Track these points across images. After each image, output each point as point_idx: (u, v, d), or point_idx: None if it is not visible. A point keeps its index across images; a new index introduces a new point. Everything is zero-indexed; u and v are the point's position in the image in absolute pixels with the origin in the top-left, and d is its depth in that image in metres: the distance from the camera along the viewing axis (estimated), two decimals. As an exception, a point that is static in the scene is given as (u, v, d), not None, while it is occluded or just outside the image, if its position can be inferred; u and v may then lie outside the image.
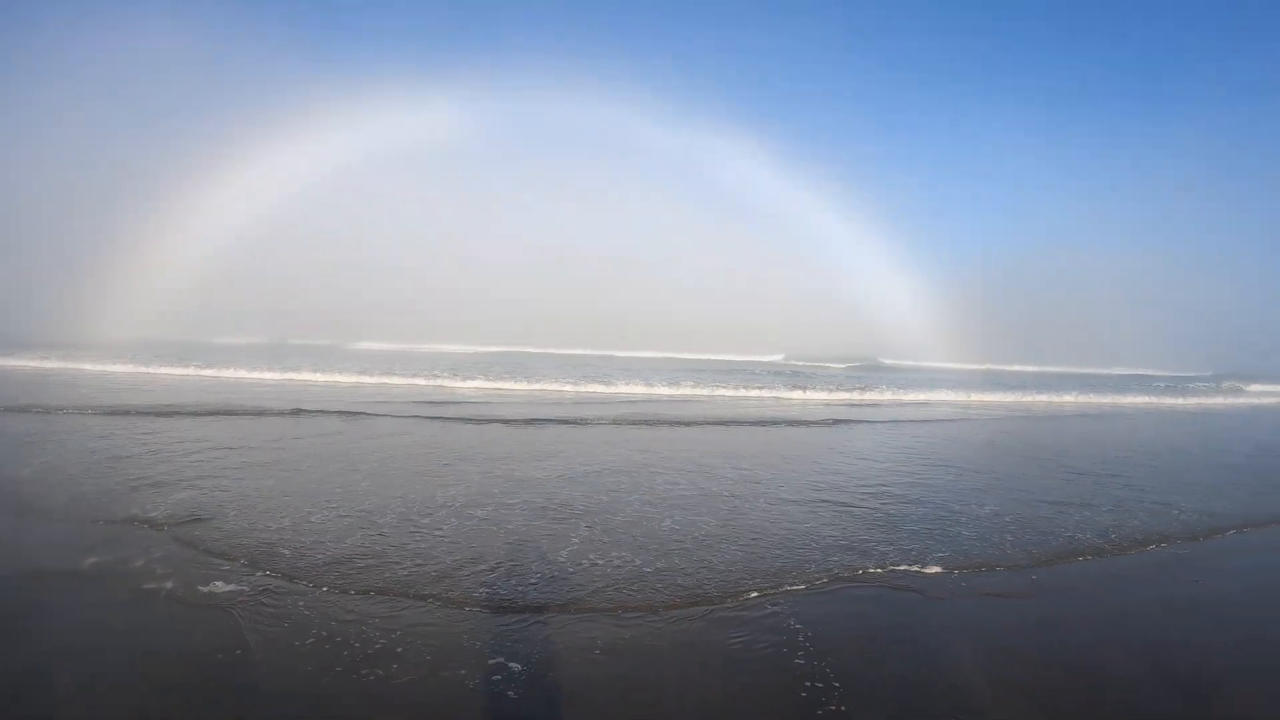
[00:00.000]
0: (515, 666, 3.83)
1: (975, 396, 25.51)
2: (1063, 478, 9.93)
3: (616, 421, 14.71)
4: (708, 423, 15.63)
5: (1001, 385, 31.67)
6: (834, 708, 3.53)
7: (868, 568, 5.66)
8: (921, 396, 24.39)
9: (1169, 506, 8.18)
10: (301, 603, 4.60)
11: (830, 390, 24.75)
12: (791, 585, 5.22)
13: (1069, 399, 26.22)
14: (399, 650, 3.95)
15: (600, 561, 5.57)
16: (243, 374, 23.60)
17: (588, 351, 60.98)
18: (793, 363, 56.60)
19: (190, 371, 23.70)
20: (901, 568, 5.71)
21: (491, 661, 3.87)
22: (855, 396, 23.51)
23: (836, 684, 3.77)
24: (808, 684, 3.76)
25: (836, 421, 16.82)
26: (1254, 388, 40.75)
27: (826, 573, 5.51)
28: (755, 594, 5.03)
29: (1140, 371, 66.81)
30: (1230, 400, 30.93)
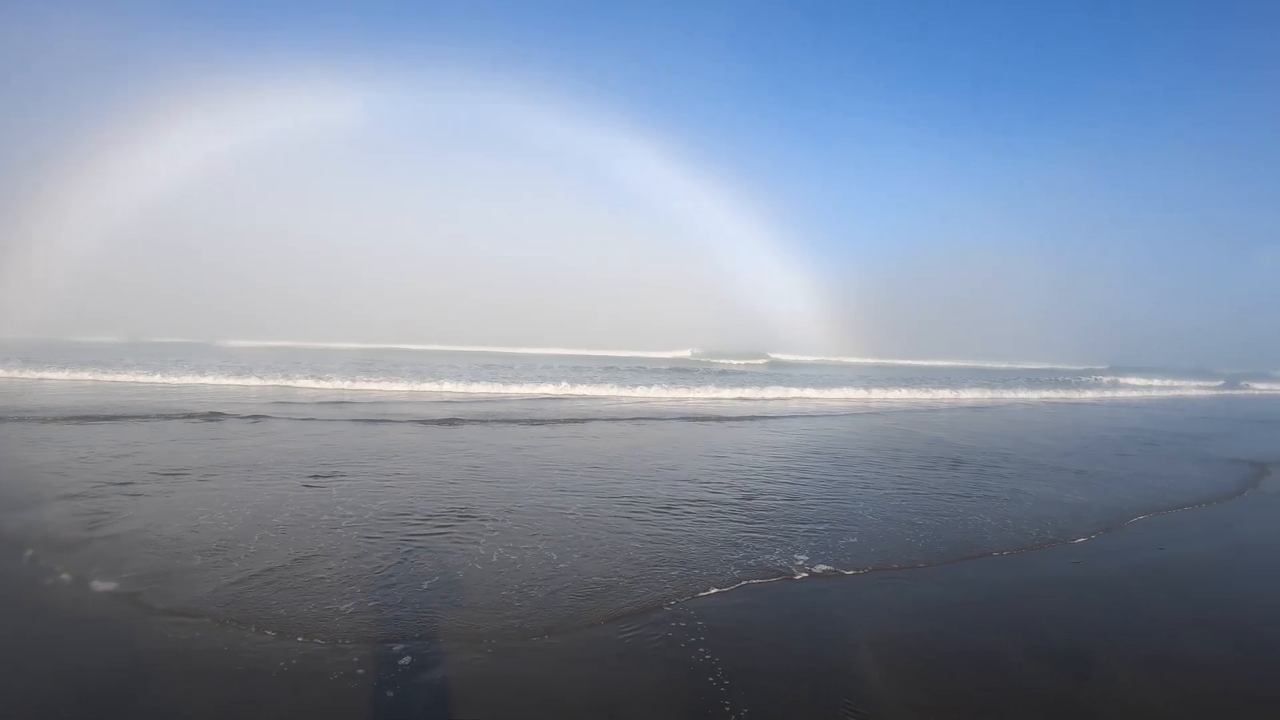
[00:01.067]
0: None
1: (876, 393, 26.08)
2: (956, 471, 10.34)
3: (452, 420, 14.25)
4: (562, 420, 15.58)
5: (902, 380, 32.78)
6: (728, 699, 3.61)
7: (765, 563, 5.72)
8: (814, 393, 24.66)
9: (1058, 495, 8.82)
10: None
11: (732, 387, 24.60)
12: (690, 583, 5.24)
13: (968, 395, 27.53)
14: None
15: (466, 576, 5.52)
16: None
17: (486, 349, 60.89)
18: (703, 359, 57.60)
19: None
20: (800, 561, 5.79)
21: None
22: (750, 394, 23.54)
23: (729, 676, 3.83)
24: (708, 679, 3.80)
25: (722, 419, 17.28)
26: (1132, 380, 44.30)
27: (724, 570, 5.54)
28: (648, 593, 5.02)
29: (1038, 365, 70.60)
30: (1107, 394, 33.06)
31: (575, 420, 15.26)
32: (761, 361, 57.20)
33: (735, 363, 54.48)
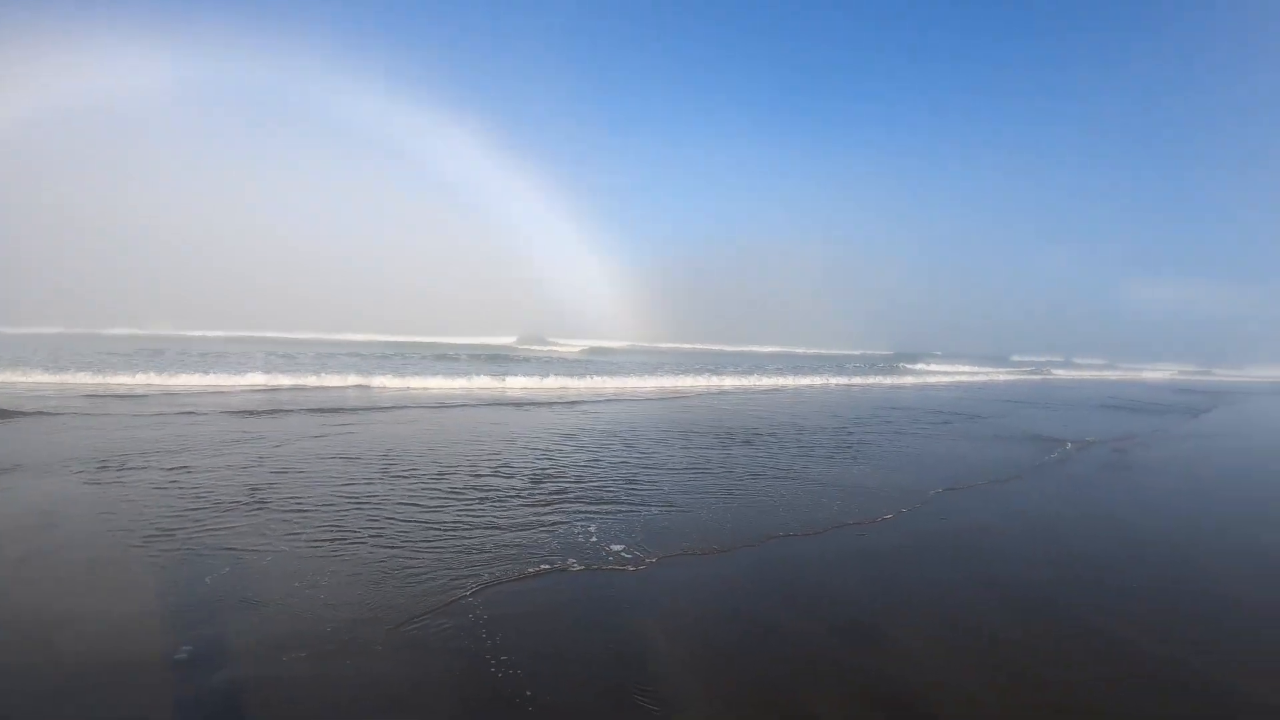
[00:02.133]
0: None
1: (685, 379, 26.27)
2: (753, 451, 10.78)
3: (249, 412, 13.22)
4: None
5: (714, 366, 34.13)
6: (524, 687, 3.60)
7: (562, 548, 5.71)
8: (622, 381, 24.37)
9: (854, 473, 9.41)
10: None
11: (545, 376, 23.49)
12: (484, 572, 5.13)
13: (779, 381, 28.33)
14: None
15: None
16: None
17: (295, 336, 57.80)
18: (525, 346, 58.43)
19: None
20: (598, 545, 5.81)
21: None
22: (553, 383, 22.50)
23: (524, 664, 3.80)
24: (502, 667, 3.79)
25: (525, 404, 17.48)
26: (919, 366, 49.15)
27: (519, 557, 5.48)
28: (441, 583, 4.90)
29: (851, 351, 78.75)
30: (908, 379, 34.89)
31: (379, 409, 14.81)
32: (579, 348, 59.02)
33: (559, 348, 55.91)
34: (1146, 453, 12.63)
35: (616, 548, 5.80)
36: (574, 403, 17.83)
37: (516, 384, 21.75)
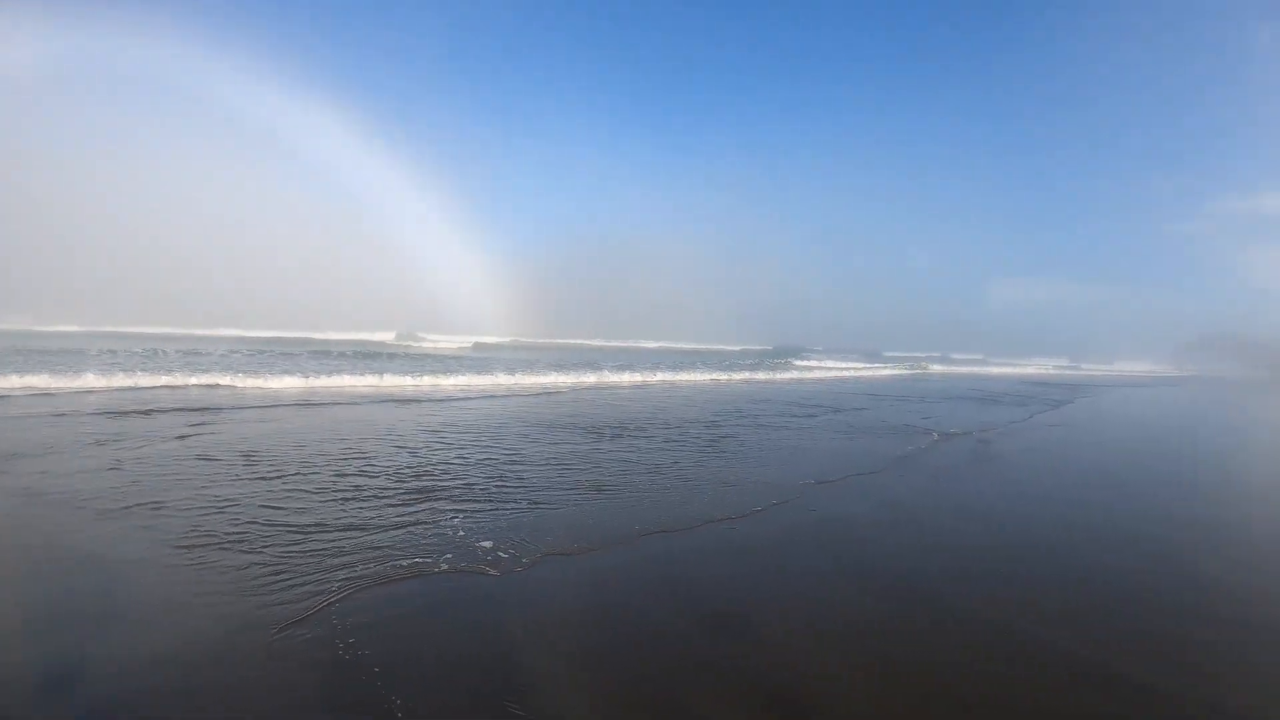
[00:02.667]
0: None
1: (556, 376, 25.45)
2: (622, 452, 10.56)
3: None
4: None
5: (593, 363, 33.23)
6: (391, 694, 3.45)
7: (431, 550, 5.46)
8: (483, 379, 23.08)
9: (717, 470, 9.51)
10: None
11: (419, 374, 22.26)
12: (350, 576, 4.85)
13: (641, 378, 27.66)
14: None
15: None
16: None
17: (160, 330, 52.76)
18: (404, 343, 55.79)
19: None
20: (468, 546, 5.60)
21: None
22: (424, 380, 21.34)
23: (392, 671, 3.64)
24: (370, 675, 3.60)
25: (392, 400, 16.90)
26: (798, 361, 50.16)
27: (387, 560, 5.22)
28: (314, 589, 4.62)
29: (732, 347, 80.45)
30: (775, 375, 35.15)
31: (245, 407, 13.83)
32: (458, 344, 57.19)
33: (437, 344, 53.82)
34: (1009, 443, 13.25)
35: (485, 545, 5.66)
36: (445, 400, 17.33)
37: (388, 381, 20.66)
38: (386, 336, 60.98)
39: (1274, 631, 4.69)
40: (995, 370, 58.52)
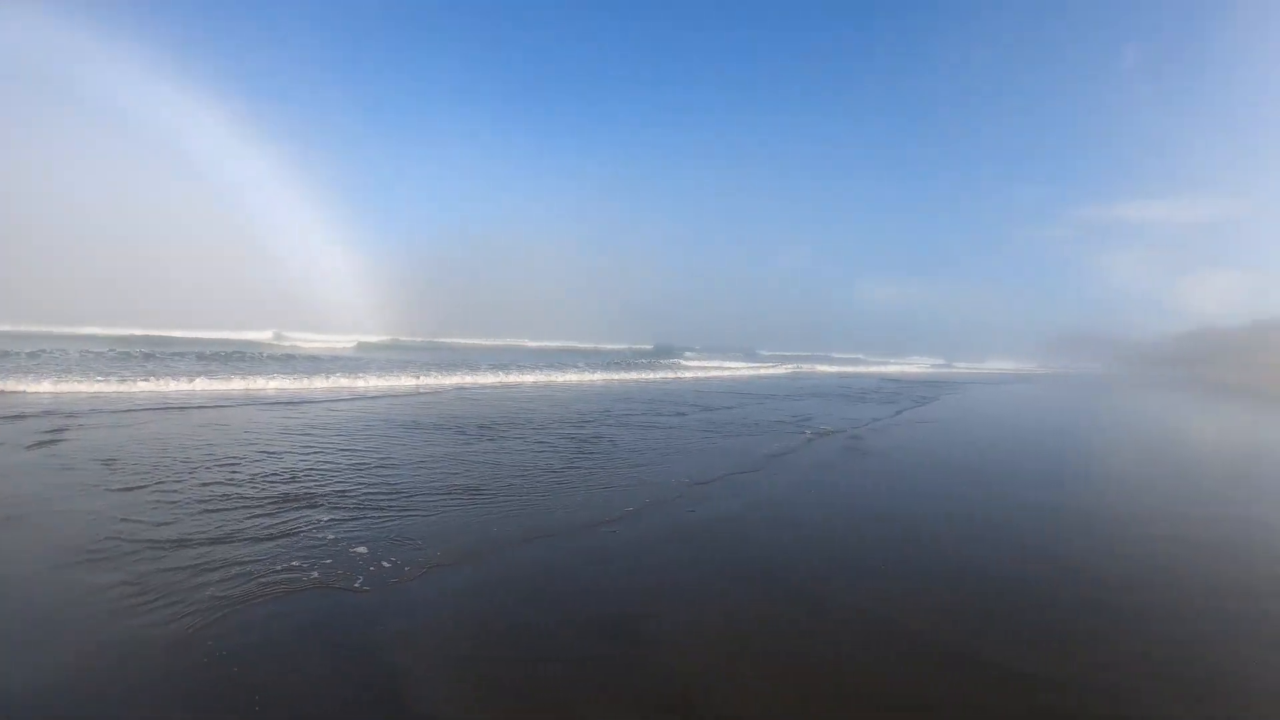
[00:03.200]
0: None
1: (431, 377, 24.39)
2: (494, 454, 10.47)
3: None
4: None
5: (465, 363, 32.50)
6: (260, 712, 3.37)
7: (299, 569, 5.14)
8: (357, 380, 21.85)
9: (594, 471, 9.56)
10: None
11: (287, 375, 21.13)
12: (216, 594, 4.60)
13: (514, 379, 26.75)
14: None
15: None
16: None
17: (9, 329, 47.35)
18: (277, 343, 52.90)
19: None
20: (340, 561, 5.36)
21: None
22: (297, 382, 20.70)
23: (260, 693, 3.48)
24: (237, 700, 3.45)
25: (257, 403, 15.97)
26: (676, 360, 51.43)
27: (254, 574, 4.96)
28: (179, 612, 4.33)
29: (597, 346, 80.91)
30: (652, 375, 35.63)
31: (103, 412, 12.52)
32: (335, 343, 55.09)
33: (314, 344, 51.52)
34: (880, 439, 13.87)
35: (360, 552, 5.53)
36: (318, 401, 16.67)
37: (259, 383, 19.59)
38: (262, 335, 57.59)
39: (1134, 612, 5.07)
40: (874, 369, 60.91)
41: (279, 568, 5.16)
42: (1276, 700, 3.92)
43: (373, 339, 65.16)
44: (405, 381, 23.26)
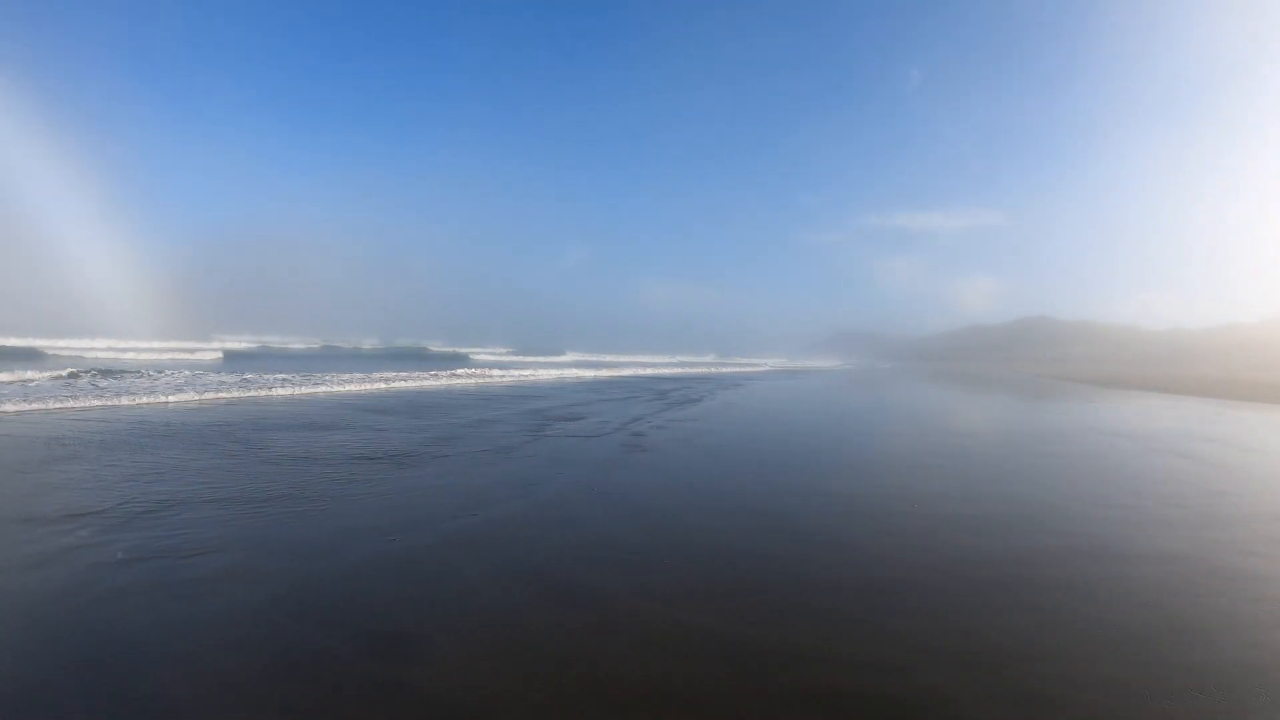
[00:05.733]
0: None
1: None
2: (255, 468, 10.45)
3: None
4: None
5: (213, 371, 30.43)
6: None
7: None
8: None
9: (354, 482, 9.56)
10: None
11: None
12: None
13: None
14: None
15: None
16: None
17: None
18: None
19: None
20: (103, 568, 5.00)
21: None
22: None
23: None
24: None
25: None
26: (470, 357, 52.36)
27: None
28: None
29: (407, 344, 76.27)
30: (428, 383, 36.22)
31: None
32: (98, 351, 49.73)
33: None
34: (664, 434, 14.54)
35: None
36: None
37: None
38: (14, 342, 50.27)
39: (898, 587, 5.49)
40: (663, 370, 62.39)
41: None
42: (1024, 659, 4.31)
43: (141, 344, 59.00)
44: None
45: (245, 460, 9.99)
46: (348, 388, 24.09)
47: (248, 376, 24.77)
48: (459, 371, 36.00)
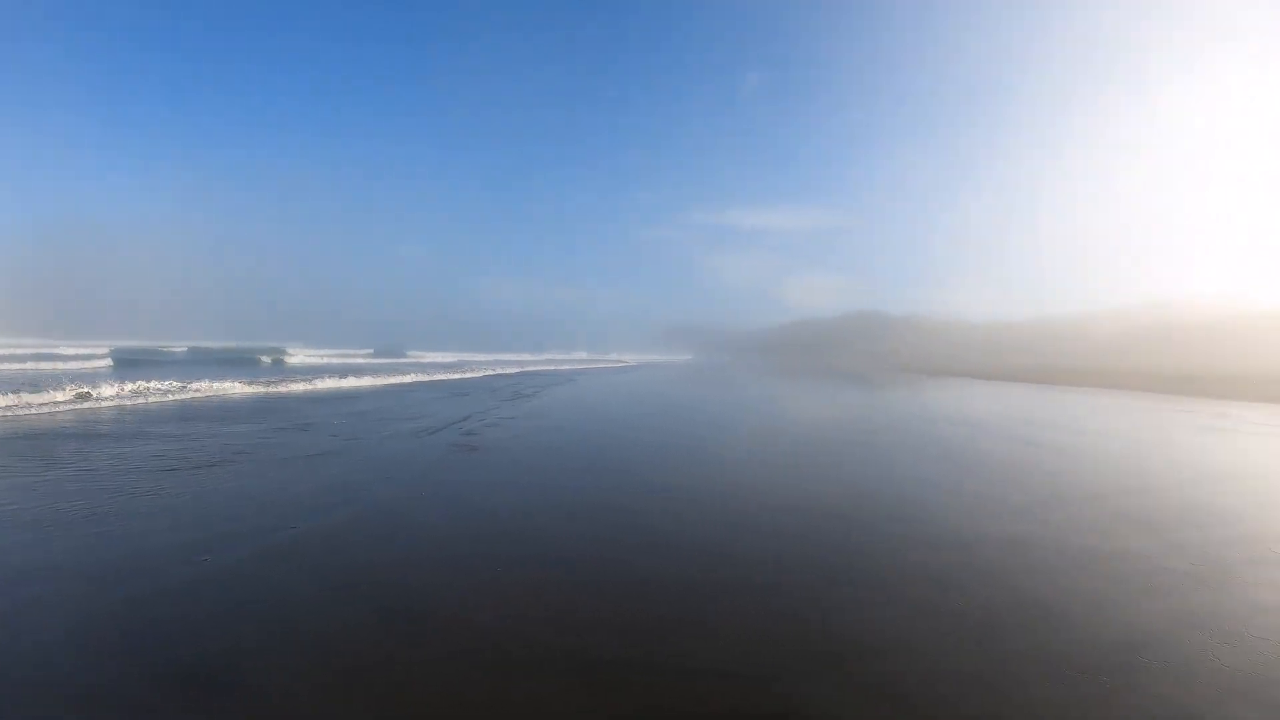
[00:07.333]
0: None
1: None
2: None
3: None
4: None
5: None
6: None
7: None
8: None
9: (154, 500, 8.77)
10: None
11: None
12: None
13: None
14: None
15: None
16: None
17: None
18: None
19: None
20: None
21: None
22: None
23: None
24: None
25: None
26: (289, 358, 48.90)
27: None
28: None
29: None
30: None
31: None
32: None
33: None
34: (497, 433, 14.00)
35: None
36: None
37: None
38: None
39: (744, 586, 5.32)
40: (499, 371, 63.08)
41: None
42: (879, 654, 4.20)
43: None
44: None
45: (34, 477, 8.67)
46: (163, 398, 20.37)
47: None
48: (287, 366, 32.89)
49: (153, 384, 21.07)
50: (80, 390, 18.42)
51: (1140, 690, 3.70)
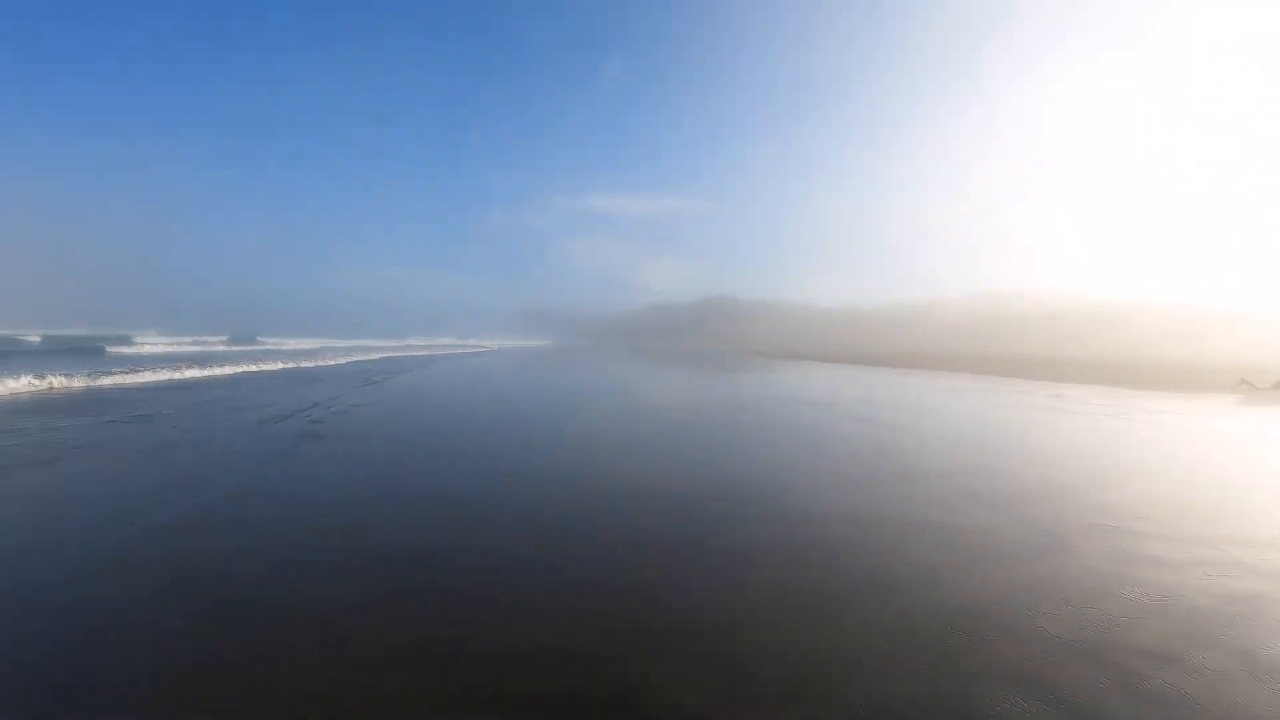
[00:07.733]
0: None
1: None
2: None
3: None
4: None
5: None
6: None
7: None
8: None
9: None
10: None
11: None
12: None
13: None
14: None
15: None
16: None
17: None
18: None
19: None
20: None
21: None
22: None
23: None
24: None
25: None
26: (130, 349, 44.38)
27: None
28: None
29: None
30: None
31: None
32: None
33: None
34: (342, 421, 13.49)
35: None
36: None
37: None
38: None
39: (590, 569, 5.27)
40: (357, 357, 60.58)
41: None
42: (723, 632, 4.21)
43: None
44: None
45: None
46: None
47: None
48: (136, 356, 29.58)
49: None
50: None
51: (982, 651, 3.94)
